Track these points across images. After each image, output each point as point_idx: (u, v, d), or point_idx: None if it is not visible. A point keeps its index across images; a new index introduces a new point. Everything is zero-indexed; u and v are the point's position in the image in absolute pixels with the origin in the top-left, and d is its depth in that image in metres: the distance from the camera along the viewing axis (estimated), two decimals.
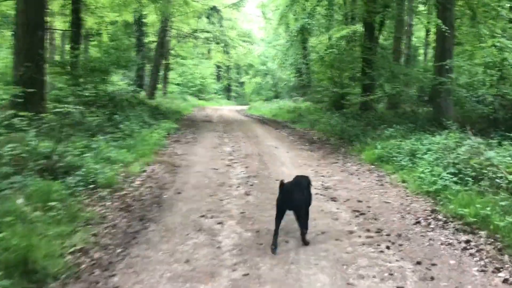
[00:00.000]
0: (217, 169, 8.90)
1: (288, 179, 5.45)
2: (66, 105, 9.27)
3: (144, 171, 8.19)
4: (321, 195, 7.04)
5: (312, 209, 5.88)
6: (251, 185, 7.63)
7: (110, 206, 5.85)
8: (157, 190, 7.00)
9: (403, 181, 7.90)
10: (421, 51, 28.56)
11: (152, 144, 10.89)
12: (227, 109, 35.69)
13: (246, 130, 16.76)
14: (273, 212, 5.30)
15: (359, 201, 6.68)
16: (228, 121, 21.86)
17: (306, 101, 28.77)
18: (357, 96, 17.98)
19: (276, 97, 41.67)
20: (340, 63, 18.96)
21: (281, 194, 5.00)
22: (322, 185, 7.73)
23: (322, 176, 8.51)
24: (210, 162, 9.63)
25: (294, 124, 19.30)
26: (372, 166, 9.45)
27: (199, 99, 44.74)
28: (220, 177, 8.21)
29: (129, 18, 28.58)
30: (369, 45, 16.27)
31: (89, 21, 28.88)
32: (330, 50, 18.51)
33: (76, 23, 22.43)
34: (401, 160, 8.86)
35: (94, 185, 6.48)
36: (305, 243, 4.90)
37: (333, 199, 6.79)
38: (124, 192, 6.62)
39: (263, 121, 22.42)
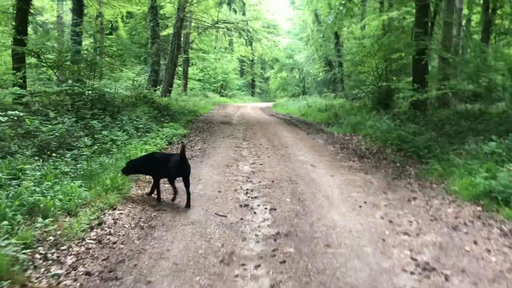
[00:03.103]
0: (225, 216, 5.41)
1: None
2: None
3: (100, 224, 4.76)
4: None
5: None
6: (282, 261, 4.09)
7: None
8: (97, 283, 3.55)
9: None
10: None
11: None
12: (250, 106, 32.19)
13: (271, 136, 13.24)
14: None
15: None
16: (250, 122, 18.36)
17: (339, 98, 25.18)
18: (412, 92, 14.17)
19: (304, 93, 38.29)
20: (397, 50, 15.26)
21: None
22: (414, 259, 4.17)
23: (405, 233, 4.93)
24: (216, 199, 6.14)
25: (330, 128, 15.65)
26: (478, 208, 5.78)
27: (221, 95, 41.61)
28: (228, 236, 4.71)
29: (146, 9, 25.72)
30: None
31: (106, 14, 26.54)
32: (387, 35, 14.94)
33: (78, 9, 19.43)
34: None
35: None
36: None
37: None
38: None
39: (291, 122, 18.84)
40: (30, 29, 26.15)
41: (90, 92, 10.59)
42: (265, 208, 5.76)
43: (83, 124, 8.62)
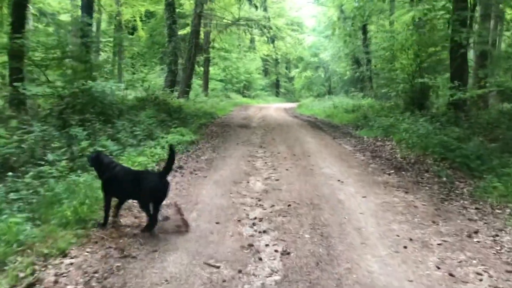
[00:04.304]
0: (217, 266, 3.90)
1: None
2: None
3: (32, 285, 3.33)
4: None
5: None
6: None
7: None
8: None
9: None
10: None
11: None
12: (273, 107, 30.61)
13: (292, 142, 11.68)
14: None
15: None
16: (271, 125, 16.82)
17: (368, 98, 23.47)
18: (452, 90, 12.37)
19: (329, 92, 36.57)
20: (433, 44, 13.59)
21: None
22: None
23: None
24: (211, 236, 4.63)
25: (358, 131, 13.99)
26: None
27: (244, 96, 40.16)
28: None
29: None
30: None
31: (125, 13, 25.84)
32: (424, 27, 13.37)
33: (87, 6, 18.31)
34: None
35: None
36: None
37: None
38: None
39: (315, 124, 17.23)
40: (50, 30, 25.35)
41: (81, 93, 9.23)
42: (275, 251, 4.24)
43: (65, 132, 7.28)
